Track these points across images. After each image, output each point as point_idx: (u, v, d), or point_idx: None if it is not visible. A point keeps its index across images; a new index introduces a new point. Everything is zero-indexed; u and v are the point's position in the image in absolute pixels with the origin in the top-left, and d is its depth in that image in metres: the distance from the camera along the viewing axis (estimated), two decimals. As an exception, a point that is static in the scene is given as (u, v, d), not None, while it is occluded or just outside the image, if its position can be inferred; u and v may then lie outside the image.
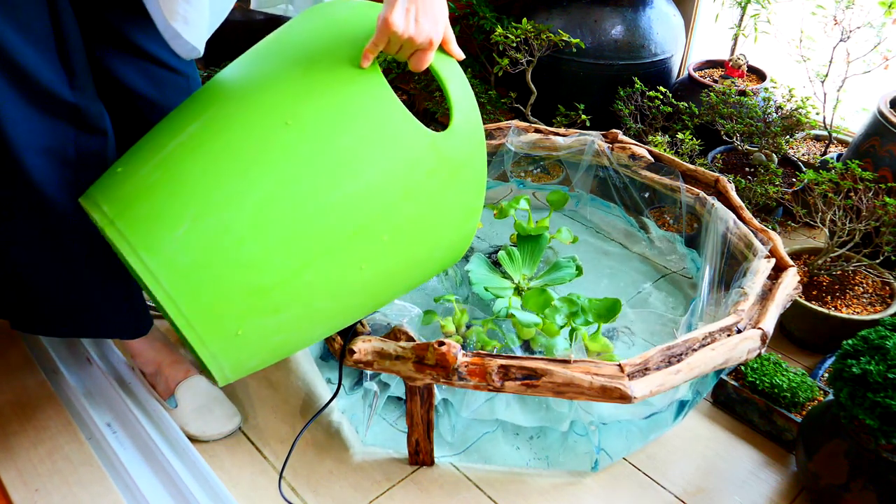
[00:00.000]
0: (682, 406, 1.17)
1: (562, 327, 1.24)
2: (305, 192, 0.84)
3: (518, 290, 1.36)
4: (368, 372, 1.14)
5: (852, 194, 1.37)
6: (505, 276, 1.39)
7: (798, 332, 1.42)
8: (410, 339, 1.04)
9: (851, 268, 1.42)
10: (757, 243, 1.27)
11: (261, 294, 0.83)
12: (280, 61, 0.92)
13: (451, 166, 0.93)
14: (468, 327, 1.30)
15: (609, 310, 1.24)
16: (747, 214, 1.35)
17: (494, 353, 1.03)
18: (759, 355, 1.10)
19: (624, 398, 0.95)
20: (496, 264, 1.42)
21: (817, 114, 1.79)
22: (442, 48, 0.95)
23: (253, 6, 1.19)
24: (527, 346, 1.28)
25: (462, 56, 0.97)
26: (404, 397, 1.09)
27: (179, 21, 0.90)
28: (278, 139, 0.84)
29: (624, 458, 1.20)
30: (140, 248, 0.79)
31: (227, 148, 0.84)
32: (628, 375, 0.97)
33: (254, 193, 0.82)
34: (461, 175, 0.95)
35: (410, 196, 0.90)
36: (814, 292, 1.41)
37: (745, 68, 2.01)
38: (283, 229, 0.83)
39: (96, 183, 0.89)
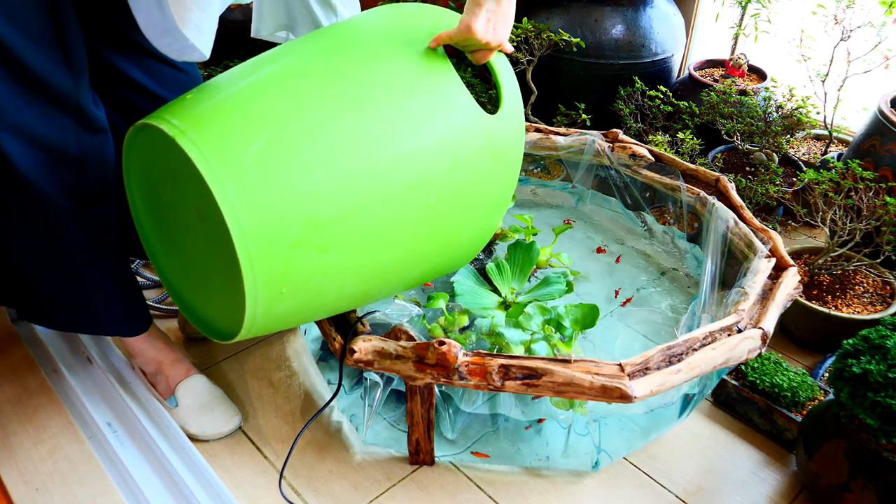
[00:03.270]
0: (686, 402, 1.17)
1: (533, 333, 1.20)
2: (372, 140, 0.90)
3: (504, 305, 1.33)
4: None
5: (853, 194, 1.37)
6: (493, 289, 1.36)
7: (798, 331, 1.42)
8: (411, 338, 1.04)
9: (852, 267, 1.42)
10: (757, 243, 1.27)
11: (316, 226, 0.86)
12: (357, 35, 1.00)
13: (495, 148, 1.02)
14: (462, 330, 1.29)
15: (586, 316, 1.22)
16: (748, 214, 1.35)
17: (495, 352, 1.03)
18: (759, 355, 1.10)
19: (624, 398, 0.95)
20: (486, 278, 1.38)
21: (818, 113, 1.79)
22: None
23: (252, 35, 1.20)
24: None
25: (511, 50, 1.06)
26: (405, 392, 1.09)
27: (192, 29, 0.90)
28: (356, 88, 0.92)
29: (624, 458, 1.20)
30: (212, 158, 0.81)
31: (306, 87, 0.90)
32: (629, 375, 0.97)
33: (326, 130, 0.88)
34: (502, 158, 1.03)
35: (458, 167, 0.98)
36: (814, 292, 1.41)
37: (745, 68, 2.01)
38: (348, 169, 0.88)
39: (160, 109, 0.91)
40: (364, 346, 1.03)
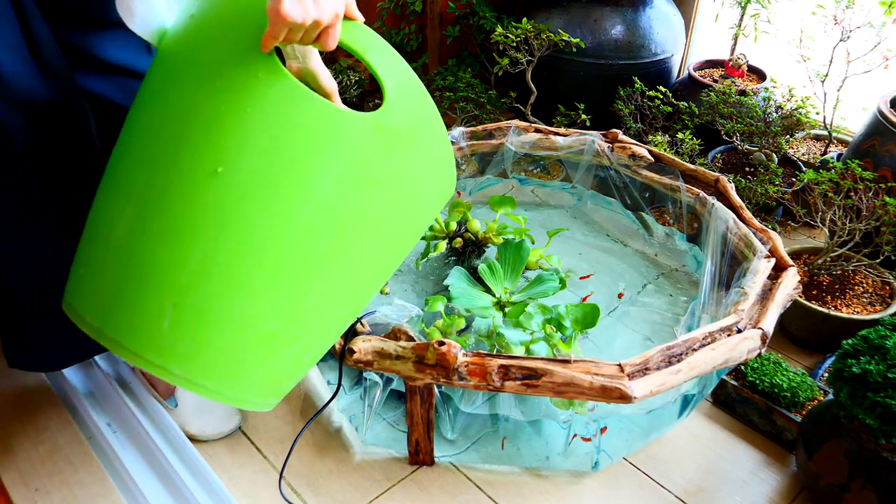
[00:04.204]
0: (685, 402, 1.17)
1: (533, 333, 1.21)
2: (269, 231, 0.78)
3: (499, 304, 1.33)
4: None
5: (852, 194, 1.37)
6: (486, 290, 1.36)
7: (798, 331, 1.42)
8: (410, 338, 1.03)
9: (851, 267, 1.42)
10: (757, 243, 1.27)
11: (272, 338, 0.82)
12: (176, 95, 0.81)
13: (405, 135, 0.86)
14: (460, 333, 1.29)
15: (587, 315, 1.22)
16: (747, 214, 1.35)
17: (495, 352, 1.03)
18: (759, 355, 1.10)
19: (624, 398, 0.95)
20: (478, 278, 1.37)
21: (817, 113, 1.79)
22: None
23: None
24: None
25: (362, 18, 0.83)
26: (405, 392, 1.09)
27: (139, 25, 0.85)
28: (217, 192, 0.76)
29: (624, 458, 1.20)
30: (138, 350, 0.77)
31: (173, 223, 0.77)
32: (628, 375, 0.97)
33: (219, 257, 0.77)
34: (418, 137, 0.88)
35: (376, 184, 0.83)
36: (814, 292, 1.41)
37: (745, 68, 2.01)
38: (266, 274, 0.78)
39: (69, 287, 0.87)
40: (364, 346, 1.03)
